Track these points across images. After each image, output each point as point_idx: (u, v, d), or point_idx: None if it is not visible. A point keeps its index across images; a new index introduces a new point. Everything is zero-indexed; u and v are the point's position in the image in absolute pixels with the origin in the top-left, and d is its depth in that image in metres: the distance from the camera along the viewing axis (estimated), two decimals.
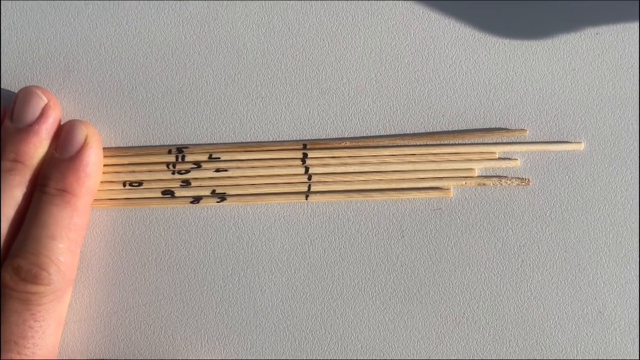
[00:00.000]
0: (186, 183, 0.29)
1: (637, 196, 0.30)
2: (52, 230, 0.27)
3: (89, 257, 0.29)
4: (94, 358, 0.29)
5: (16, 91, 0.28)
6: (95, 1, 0.30)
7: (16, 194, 0.27)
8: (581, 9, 0.30)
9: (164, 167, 0.29)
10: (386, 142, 0.30)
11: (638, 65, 0.30)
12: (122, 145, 0.30)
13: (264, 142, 0.30)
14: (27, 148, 0.27)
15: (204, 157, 0.29)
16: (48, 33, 0.30)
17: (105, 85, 0.30)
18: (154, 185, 0.29)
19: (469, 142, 0.30)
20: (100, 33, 0.30)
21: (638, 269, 0.30)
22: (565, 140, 0.30)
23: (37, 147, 0.28)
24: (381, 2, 0.30)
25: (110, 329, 0.29)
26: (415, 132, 0.30)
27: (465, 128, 0.30)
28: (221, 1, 0.30)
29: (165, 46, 0.30)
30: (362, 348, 0.29)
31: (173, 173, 0.29)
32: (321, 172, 0.30)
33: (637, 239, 0.30)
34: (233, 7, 0.30)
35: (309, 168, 0.30)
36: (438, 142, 0.30)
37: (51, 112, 0.28)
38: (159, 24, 0.30)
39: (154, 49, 0.30)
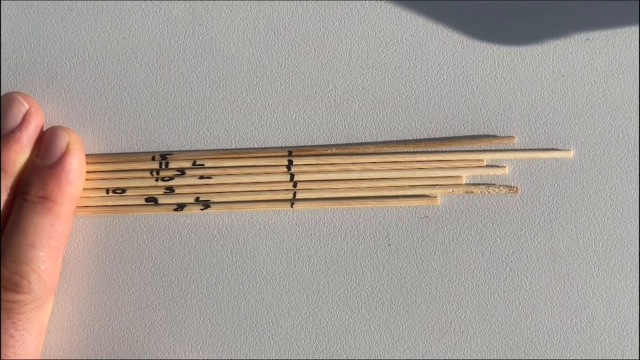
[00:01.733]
0: (170, 190, 0.29)
1: (627, 204, 0.29)
2: (33, 238, 0.26)
3: (71, 265, 0.29)
4: None
5: None
6: (80, 5, 0.30)
7: None
8: (571, 15, 0.30)
9: (148, 174, 0.29)
10: (373, 149, 0.29)
11: (629, 72, 0.30)
12: (105, 152, 0.29)
13: (249, 148, 0.29)
14: (8, 155, 0.27)
15: (188, 164, 0.29)
16: (31, 38, 0.30)
17: (89, 92, 0.29)
18: (137, 192, 0.29)
19: (457, 149, 0.30)
20: (84, 39, 0.30)
21: (628, 278, 0.29)
22: (554, 147, 0.30)
23: (19, 153, 0.27)
24: (368, 7, 0.30)
25: (93, 337, 0.29)
26: (403, 139, 0.30)
27: (453, 135, 0.30)
28: (206, 6, 0.30)
29: (150, 52, 0.30)
30: (348, 357, 0.29)
31: (157, 180, 0.29)
32: (307, 179, 0.29)
33: (627, 248, 0.29)
34: (218, 12, 0.30)
35: (294, 175, 0.29)
36: (425, 150, 0.29)
37: (33, 118, 0.28)
38: (143, 30, 0.30)
39: (138, 55, 0.30)
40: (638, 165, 0.29)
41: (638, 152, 0.29)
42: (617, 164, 0.29)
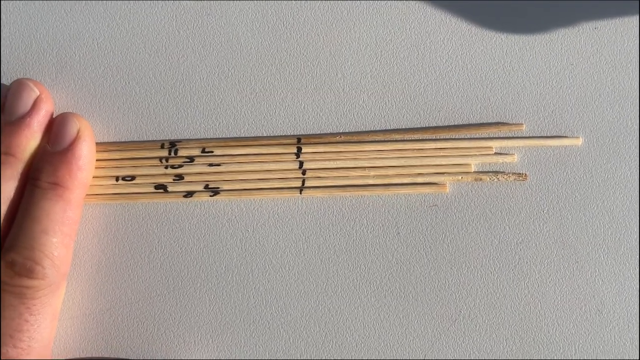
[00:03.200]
0: (179, 177, 0.29)
1: (636, 192, 0.29)
2: (45, 225, 0.26)
3: (81, 253, 0.29)
4: (87, 356, 0.29)
5: (8, 84, 0.28)
6: None
7: (8, 187, 0.27)
8: (579, 3, 0.30)
9: (157, 161, 0.29)
10: (381, 136, 0.29)
11: (637, 60, 0.30)
12: (114, 140, 0.29)
13: (258, 136, 0.29)
14: (19, 141, 0.27)
15: (197, 152, 0.29)
16: (42, 27, 0.30)
17: (98, 80, 0.30)
18: (146, 180, 0.29)
19: (465, 137, 0.30)
20: (94, 28, 0.30)
21: (637, 266, 0.29)
22: (563, 135, 0.30)
23: (29, 139, 0.27)
24: None
25: (103, 326, 0.29)
26: (411, 126, 0.30)
27: (461, 123, 0.30)
28: None
29: (159, 41, 0.30)
30: (356, 346, 0.29)
31: (166, 167, 0.29)
32: (315, 167, 0.29)
33: (637, 236, 0.29)
34: (227, 2, 0.30)
35: (303, 163, 0.29)
36: (434, 137, 0.30)
37: (43, 104, 0.28)
38: (152, 19, 0.30)
39: (148, 43, 0.30)
40: None
41: None
42: (626, 151, 0.29)
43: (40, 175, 0.27)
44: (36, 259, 0.26)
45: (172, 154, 0.29)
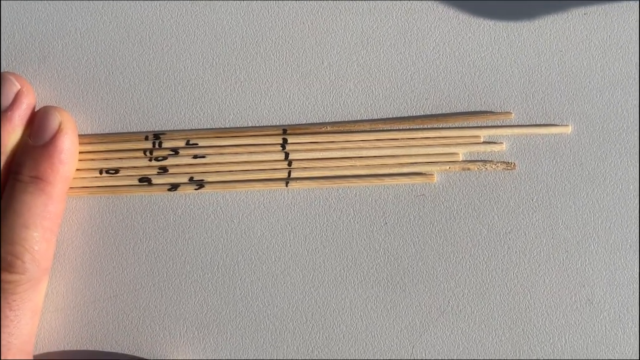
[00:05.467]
0: (163, 170, 0.29)
1: (626, 180, 0.29)
2: (26, 219, 0.26)
3: (65, 246, 0.29)
4: (71, 348, 0.29)
5: None
6: None
7: None
8: None
9: (141, 154, 0.29)
10: (368, 126, 0.29)
11: (627, 46, 0.29)
12: (98, 132, 0.29)
13: (243, 127, 0.29)
14: (0, 135, 0.27)
15: (182, 144, 0.29)
16: (23, 19, 0.29)
17: (81, 72, 0.29)
18: (130, 172, 0.29)
19: (453, 125, 0.29)
20: (76, 19, 0.29)
21: (627, 256, 0.29)
22: (552, 123, 0.29)
23: (10, 133, 0.27)
24: None
25: (88, 319, 0.29)
26: (398, 116, 0.29)
27: (449, 112, 0.29)
28: None
29: (143, 32, 0.29)
30: (344, 337, 0.29)
31: (150, 160, 0.29)
32: (302, 157, 0.29)
33: (627, 225, 0.29)
34: None
35: (289, 154, 0.29)
36: (421, 126, 0.29)
37: (24, 98, 0.27)
38: (135, 9, 0.29)
39: (131, 34, 0.29)
40: (638, 140, 0.29)
41: (638, 127, 0.29)
42: (617, 139, 0.29)
43: (22, 169, 0.27)
44: (16, 253, 0.25)
45: (157, 146, 0.29)
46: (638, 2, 0.29)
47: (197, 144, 0.29)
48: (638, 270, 0.29)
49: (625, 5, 0.29)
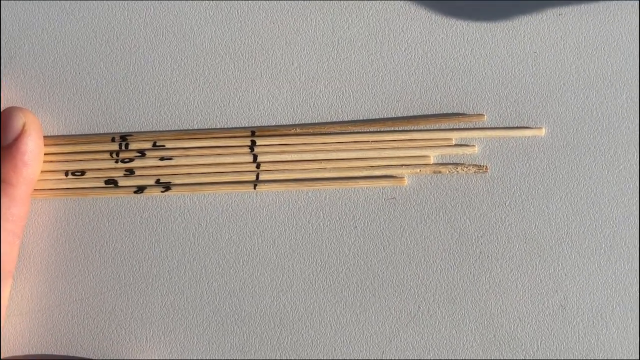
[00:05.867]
0: (130, 172, 0.28)
1: (600, 183, 0.28)
2: None
3: (30, 249, 0.28)
4: (36, 353, 0.28)
5: None
6: None
7: None
8: None
9: (108, 155, 0.28)
10: (338, 128, 0.29)
11: (601, 48, 0.29)
12: (64, 134, 0.29)
13: (211, 129, 0.29)
14: None
15: (148, 145, 0.28)
16: None
17: (48, 72, 0.29)
18: (97, 174, 0.28)
19: (425, 128, 0.29)
20: (42, 19, 0.29)
21: (601, 260, 0.28)
22: (525, 125, 0.29)
23: None
24: None
25: (53, 322, 0.28)
26: (369, 118, 0.29)
27: (420, 114, 0.29)
28: None
29: (109, 31, 0.29)
30: (312, 342, 0.28)
31: (116, 162, 0.28)
32: (270, 160, 0.29)
33: (600, 228, 0.28)
34: None
35: (257, 156, 0.28)
36: (392, 129, 0.29)
37: None
38: (102, 10, 0.29)
39: (98, 35, 0.29)
40: (611, 143, 0.28)
41: (612, 130, 0.29)
42: (590, 141, 0.29)
43: None
44: None
45: (123, 148, 0.28)
46: (613, 3, 0.29)
47: (164, 146, 0.28)
48: (611, 275, 0.28)
49: (600, 7, 0.29)
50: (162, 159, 0.28)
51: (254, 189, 0.28)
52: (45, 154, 0.28)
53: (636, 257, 0.28)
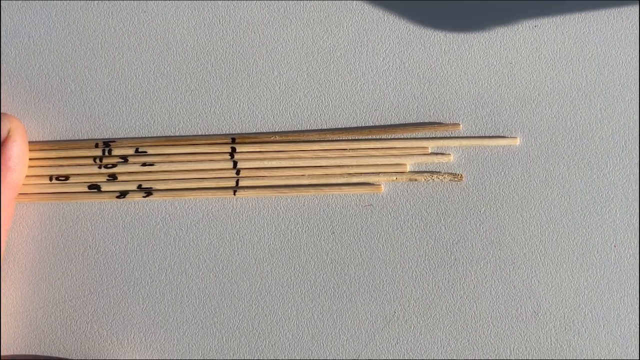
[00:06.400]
0: (113, 177, 0.29)
1: (573, 192, 0.29)
2: None
3: (14, 252, 0.29)
4: (20, 352, 0.29)
5: None
6: None
7: None
8: (518, 1, 0.29)
9: (91, 161, 0.29)
10: (316, 136, 0.29)
11: (575, 60, 0.29)
12: (49, 139, 0.29)
13: (192, 136, 0.29)
14: None
15: (131, 151, 0.29)
16: None
17: (33, 79, 0.29)
18: (80, 179, 0.29)
19: (401, 136, 0.29)
20: (28, 26, 0.30)
21: (574, 268, 0.29)
22: (501, 135, 0.29)
23: None
24: None
25: (36, 324, 0.29)
26: (347, 126, 0.29)
27: (397, 122, 0.29)
28: None
29: (94, 39, 0.30)
30: (289, 345, 0.29)
31: (100, 167, 0.29)
32: (250, 166, 0.29)
33: (573, 237, 0.29)
34: (162, 1, 0.30)
35: (237, 162, 0.29)
36: (369, 137, 0.29)
37: None
38: (87, 17, 0.30)
39: (82, 42, 0.30)
40: (584, 152, 0.29)
41: (585, 139, 0.29)
42: (564, 151, 0.29)
43: None
44: None
45: (106, 154, 0.29)
46: (586, 16, 0.29)
47: (146, 152, 0.29)
48: (583, 282, 0.29)
49: (574, 18, 0.29)
50: (144, 164, 0.29)
51: (234, 194, 0.29)
52: (30, 159, 0.29)
53: (608, 264, 0.29)
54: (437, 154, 0.29)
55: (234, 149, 0.29)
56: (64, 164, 0.29)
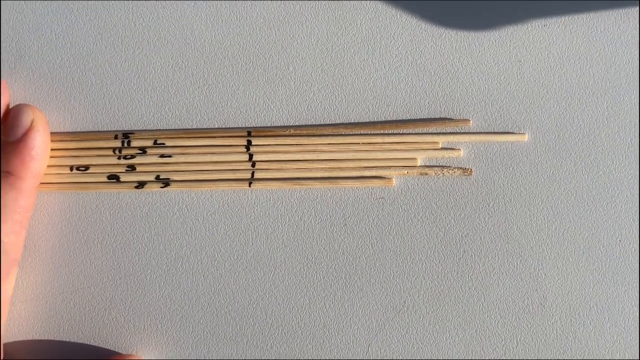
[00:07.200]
0: (131, 168, 0.30)
1: (579, 187, 0.30)
2: None
3: (35, 239, 0.30)
4: (39, 338, 0.30)
5: None
6: None
7: None
8: (528, 1, 0.30)
9: (110, 152, 0.30)
10: (330, 130, 0.30)
11: (583, 58, 0.30)
12: (70, 130, 0.30)
13: (209, 129, 0.30)
14: None
15: (149, 143, 0.30)
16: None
17: (55, 72, 0.30)
18: (100, 169, 0.30)
19: (412, 131, 0.30)
20: (51, 20, 0.30)
21: (580, 261, 0.30)
22: (509, 131, 0.30)
23: None
24: None
25: (55, 310, 0.30)
26: (360, 121, 0.30)
27: (409, 118, 0.30)
28: None
29: (114, 33, 0.30)
30: (302, 335, 0.30)
31: (119, 158, 0.30)
32: (265, 159, 0.30)
33: (579, 231, 0.30)
34: None
35: (253, 155, 0.30)
36: (381, 132, 0.30)
37: None
38: (108, 13, 0.30)
39: (103, 35, 0.30)
40: (590, 149, 0.30)
41: (591, 136, 0.30)
42: (571, 147, 0.30)
43: None
44: None
45: (125, 145, 0.30)
46: (594, 17, 0.30)
47: (164, 144, 0.30)
48: (589, 275, 0.30)
49: (583, 18, 0.30)
50: (162, 156, 0.30)
51: (249, 186, 0.30)
52: (51, 150, 0.29)
53: (612, 258, 0.30)
54: (447, 148, 0.30)
55: (249, 142, 0.30)
56: (84, 155, 0.30)
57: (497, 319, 0.30)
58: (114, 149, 0.30)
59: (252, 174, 0.30)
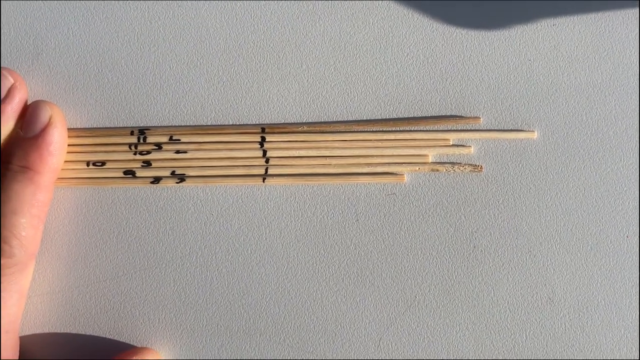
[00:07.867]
0: (147, 164, 0.30)
1: (587, 184, 0.30)
2: (15, 206, 0.28)
3: (52, 233, 0.30)
4: (55, 331, 0.30)
5: None
6: None
7: None
8: (537, 1, 0.31)
9: (126, 147, 0.30)
10: (343, 127, 0.30)
11: (592, 57, 0.31)
12: (86, 126, 0.31)
13: (224, 125, 0.31)
14: None
15: (165, 139, 0.30)
16: (18, 17, 0.31)
17: (72, 69, 0.31)
18: (116, 165, 0.30)
19: (424, 128, 0.31)
20: (68, 17, 0.31)
21: (588, 257, 0.30)
22: (519, 128, 0.30)
23: (3, 125, 0.29)
24: None
25: (71, 303, 0.30)
26: (372, 118, 0.31)
27: (420, 115, 0.31)
28: None
29: (131, 31, 0.31)
30: (314, 328, 0.30)
31: (135, 154, 0.30)
32: (279, 155, 0.30)
33: (587, 227, 0.30)
34: None
35: (266, 151, 0.30)
36: (393, 129, 0.31)
37: (17, 92, 0.29)
38: (125, 10, 0.31)
39: (120, 33, 0.31)
40: (599, 146, 0.30)
41: (600, 134, 0.30)
42: (580, 145, 0.30)
43: (12, 159, 0.28)
44: (4, 238, 0.27)
45: (141, 141, 0.30)
46: (602, 16, 0.30)
47: (179, 140, 0.30)
48: (597, 270, 0.30)
49: (592, 17, 0.31)
50: (177, 152, 0.30)
51: (263, 182, 0.30)
52: (68, 145, 0.30)
53: (620, 254, 0.30)
54: (458, 145, 0.30)
55: (263, 139, 0.30)
56: (100, 150, 0.30)
57: (507, 313, 0.30)
58: (130, 145, 0.30)
59: (266, 170, 0.30)
